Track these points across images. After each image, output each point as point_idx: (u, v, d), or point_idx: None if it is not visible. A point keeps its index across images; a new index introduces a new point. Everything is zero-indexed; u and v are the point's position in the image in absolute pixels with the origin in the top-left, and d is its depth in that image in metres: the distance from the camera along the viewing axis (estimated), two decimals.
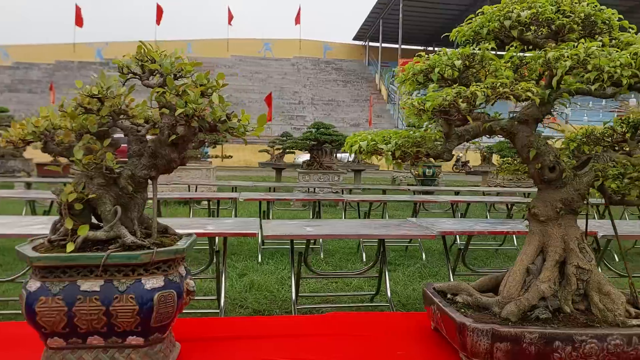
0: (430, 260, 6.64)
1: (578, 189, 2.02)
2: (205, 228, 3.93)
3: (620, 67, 1.74)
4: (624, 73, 1.73)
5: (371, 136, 1.96)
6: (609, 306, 1.90)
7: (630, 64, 1.73)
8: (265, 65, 51.21)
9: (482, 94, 1.84)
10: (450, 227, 4.17)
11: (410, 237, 3.94)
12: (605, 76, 1.75)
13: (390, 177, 20.81)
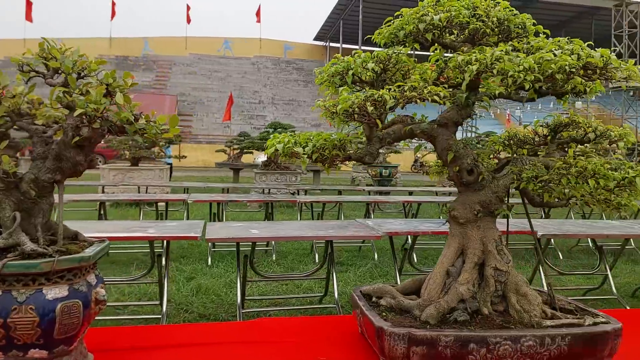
0: (382, 260, 6.66)
1: (496, 191, 2.02)
2: (146, 231, 3.78)
3: (524, 71, 1.74)
4: (527, 77, 1.74)
5: (289, 138, 1.91)
6: (525, 307, 1.90)
7: (533, 69, 1.74)
8: (224, 64, 50.62)
9: (389, 97, 1.82)
10: (397, 228, 4.16)
11: (356, 238, 3.91)
12: (509, 80, 1.75)
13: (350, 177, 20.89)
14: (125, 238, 3.83)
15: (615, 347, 1.82)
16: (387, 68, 2.08)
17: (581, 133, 2.16)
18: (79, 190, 10.54)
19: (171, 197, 6.36)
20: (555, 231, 4.35)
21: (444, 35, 2.16)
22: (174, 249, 6.93)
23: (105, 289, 1.78)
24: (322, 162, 1.93)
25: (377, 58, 2.08)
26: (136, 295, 4.93)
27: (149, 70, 48.34)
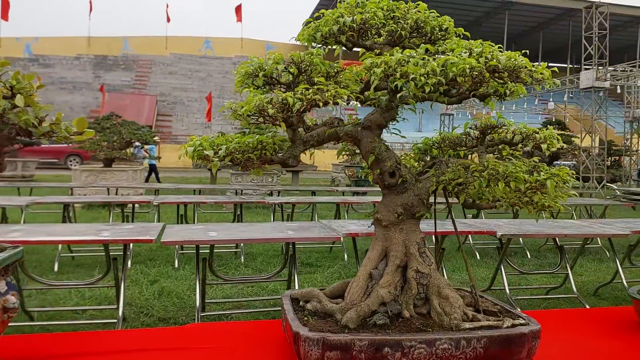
0: (352, 261, 6.65)
1: (418, 194, 2.01)
2: (100, 234, 3.71)
3: (426, 75, 1.73)
4: (429, 81, 1.72)
5: (201, 141, 1.87)
6: (446, 310, 1.89)
7: (435, 72, 1.73)
8: (205, 64, 50.26)
9: (293, 100, 1.79)
10: (357, 229, 4.14)
11: (315, 239, 3.89)
12: (411, 84, 1.74)
13: (330, 177, 20.90)
14: (76, 242, 3.75)
15: (534, 348, 1.82)
16: (303, 69, 2.05)
17: (510, 135, 2.17)
18: (49, 192, 10.36)
19: (135, 199, 6.26)
20: (514, 231, 4.37)
21: (362, 37, 2.14)
22: (141, 252, 6.84)
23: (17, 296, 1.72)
24: (238, 165, 1.90)
25: (291, 59, 2.06)
26: (97, 299, 4.85)
27: (128, 69, 47.79)
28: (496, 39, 45.06)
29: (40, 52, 45.92)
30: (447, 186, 1.94)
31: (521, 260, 7.11)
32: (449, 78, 1.74)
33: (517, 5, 40.03)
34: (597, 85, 13.95)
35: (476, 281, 5.83)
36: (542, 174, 1.79)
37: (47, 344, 2.40)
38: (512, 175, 1.77)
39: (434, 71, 1.73)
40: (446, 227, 4.54)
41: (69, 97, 41.06)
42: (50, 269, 5.94)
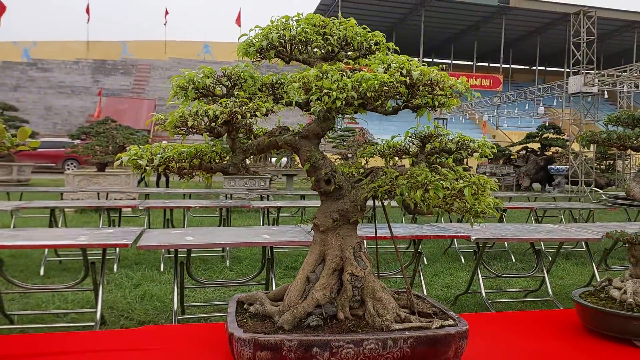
0: None
1: (354, 200, 2.08)
2: (77, 239, 3.77)
3: (337, 89, 1.81)
4: (340, 95, 1.80)
5: (136, 150, 1.94)
6: (380, 311, 1.95)
7: (347, 87, 1.80)
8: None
9: (212, 112, 1.87)
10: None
11: (292, 244, 3.95)
12: (325, 98, 1.82)
13: None
14: (52, 246, 3.82)
15: (461, 348, 1.88)
16: (237, 83, 2.13)
17: (449, 144, 2.24)
18: (40, 197, 10.43)
19: (121, 204, 6.32)
20: (489, 235, 4.43)
21: (296, 52, 2.22)
22: (128, 256, 6.90)
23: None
24: (177, 174, 1.97)
25: (222, 73, 2.14)
26: (79, 302, 4.91)
27: (127, 74, 47.94)
28: (494, 43, 45.03)
29: (39, 57, 46.06)
30: (377, 193, 2.01)
31: (505, 263, 7.16)
32: (361, 93, 1.82)
33: (514, 10, 40.18)
34: (585, 90, 14.06)
35: (457, 284, 5.89)
36: (461, 182, 1.86)
37: (23, 344, 2.47)
38: (432, 183, 1.85)
39: (346, 86, 1.81)
40: (423, 231, 4.61)
41: (68, 102, 41.17)
42: (36, 273, 6.00)
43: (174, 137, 2.00)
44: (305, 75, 1.85)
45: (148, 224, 8.27)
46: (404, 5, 40.86)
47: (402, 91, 1.87)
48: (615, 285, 2.46)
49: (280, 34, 2.14)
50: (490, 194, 1.88)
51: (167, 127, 1.92)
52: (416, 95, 1.92)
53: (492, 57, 51.07)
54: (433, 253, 7.82)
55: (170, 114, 1.93)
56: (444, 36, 48.39)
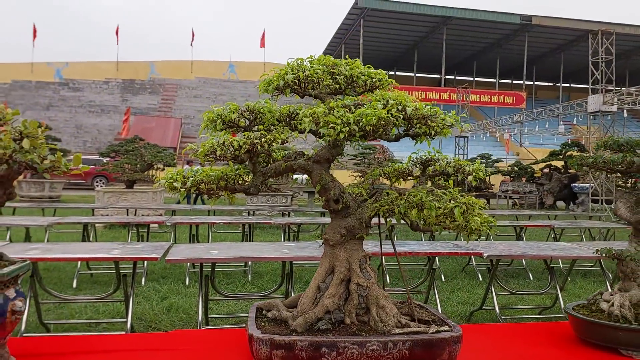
0: None
1: (359, 218, 2.30)
2: (110, 253, 4.06)
3: (341, 123, 2.06)
4: (343, 129, 2.05)
5: (172, 174, 2.21)
6: (383, 318, 2.16)
7: (349, 121, 2.05)
8: (229, 87, 51.44)
9: (237, 143, 2.13)
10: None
11: (310, 259, 4.17)
12: (331, 131, 2.06)
13: None
14: (88, 259, 4.11)
15: (455, 351, 2.08)
16: (255, 116, 2.40)
17: (447, 168, 2.45)
18: (72, 213, 10.88)
19: (150, 220, 6.64)
20: (502, 252, 4.57)
21: (309, 88, 2.48)
22: (155, 270, 7.21)
23: (24, 301, 2.05)
24: (206, 194, 2.22)
25: (245, 108, 2.40)
26: (109, 313, 5.19)
27: (155, 93, 49.22)
28: (517, 60, 44.64)
29: (71, 77, 47.70)
30: (379, 211, 2.23)
31: (522, 281, 7.23)
32: (362, 126, 2.06)
33: (536, 27, 40.14)
34: (604, 109, 14.06)
35: (473, 301, 6.00)
36: (452, 202, 2.06)
37: (42, 344, 2.74)
38: (427, 203, 2.06)
39: (349, 121, 2.06)
40: (437, 248, 4.77)
41: (97, 120, 42.45)
42: (69, 285, 6.32)
43: (204, 162, 2.26)
44: (315, 111, 2.11)
45: (174, 239, 8.59)
46: (426, 23, 41.20)
47: (398, 124, 2.10)
48: (604, 298, 2.61)
49: (295, 74, 2.41)
50: (481, 213, 2.08)
51: (199, 155, 2.19)
52: (413, 126, 2.15)
53: (515, 74, 50.91)
54: (451, 270, 7.93)
55: (202, 144, 2.20)
56: (466, 53, 48.50)
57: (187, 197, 18.19)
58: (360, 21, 39.48)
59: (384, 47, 47.22)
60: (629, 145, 2.54)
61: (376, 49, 46.98)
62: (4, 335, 1.99)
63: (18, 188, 18.60)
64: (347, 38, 44.40)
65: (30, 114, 39.44)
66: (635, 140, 2.52)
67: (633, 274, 2.54)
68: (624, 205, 2.62)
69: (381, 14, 38.74)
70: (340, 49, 46.97)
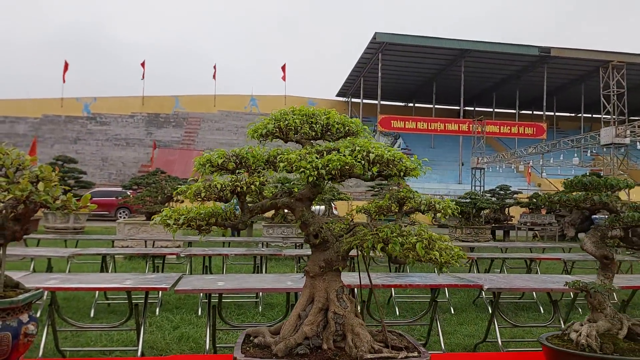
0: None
1: (337, 251, 2.48)
2: (123, 283, 4.30)
3: (311, 168, 2.28)
4: (312, 173, 2.27)
5: (167, 212, 2.44)
6: (357, 344, 2.31)
7: (317, 167, 2.27)
8: (250, 120, 51.90)
9: (220, 185, 2.37)
10: (352, 281, 4.56)
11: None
12: (301, 175, 2.28)
13: None
14: (101, 289, 4.34)
15: None
16: (242, 160, 2.64)
17: (421, 205, 2.64)
18: (93, 244, 11.24)
19: (165, 252, 6.90)
20: (503, 285, 4.67)
21: (290, 134, 2.72)
22: (170, 301, 7.42)
23: (36, 325, 2.28)
24: (196, 229, 2.45)
25: (232, 154, 2.65)
26: (123, 342, 5.40)
27: (179, 126, 50.43)
28: (537, 91, 44.46)
29: (98, 111, 49.28)
30: (352, 245, 2.42)
31: (533, 314, 7.23)
32: (329, 170, 2.28)
33: (555, 59, 40.27)
34: (617, 141, 14.06)
35: (480, 333, 6.04)
36: (414, 237, 2.24)
37: None
38: (392, 238, 2.24)
39: (317, 166, 2.28)
40: (437, 280, 4.88)
41: (123, 153, 43.59)
42: (87, 314, 6.57)
43: (193, 202, 2.50)
44: (289, 157, 2.35)
45: (190, 270, 8.82)
46: (444, 56, 41.69)
47: (365, 167, 2.33)
48: (574, 329, 2.71)
49: (276, 124, 2.67)
50: (443, 246, 2.25)
51: (188, 196, 2.44)
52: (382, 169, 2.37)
53: (536, 104, 50.83)
54: (462, 303, 7.96)
55: (191, 186, 2.45)
56: (486, 85, 48.74)
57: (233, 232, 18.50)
58: (379, 55, 40.16)
59: (403, 79, 47.83)
60: (591, 185, 2.69)
61: (394, 81, 47.60)
62: (17, 356, 2.22)
63: (44, 220, 19.21)
64: (365, 71, 45.13)
65: (58, 147, 40.79)
66: (597, 180, 2.66)
67: (600, 305, 2.65)
68: (590, 240, 2.75)
69: (399, 47, 39.41)
70: (359, 81, 47.71)
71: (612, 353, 2.51)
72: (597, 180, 2.71)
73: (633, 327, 2.66)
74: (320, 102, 56.20)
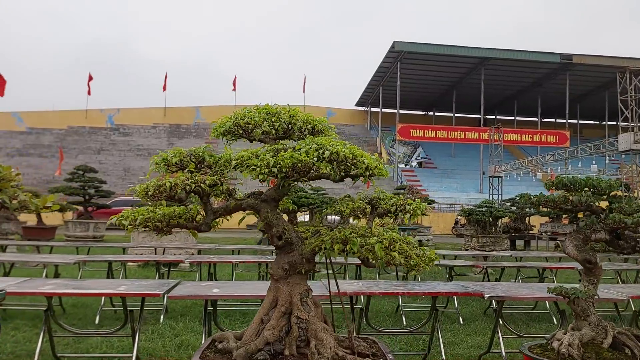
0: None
1: (302, 254, 2.40)
2: (117, 289, 4.29)
3: (262, 166, 2.22)
4: (263, 171, 2.21)
5: (127, 213, 2.40)
6: (320, 350, 2.23)
7: (268, 164, 2.21)
8: None
9: (169, 184, 2.32)
10: (349, 288, 4.48)
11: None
12: (252, 173, 2.22)
13: None
14: (94, 294, 4.35)
15: None
16: (201, 160, 2.60)
17: (391, 207, 2.55)
18: (105, 252, 11.36)
19: (171, 259, 6.91)
20: (503, 293, 4.53)
21: (254, 133, 2.67)
22: (176, 308, 7.41)
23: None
24: (154, 230, 2.41)
25: (191, 153, 2.61)
26: (123, 348, 5.39)
27: (199, 137, 51.01)
28: (559, 99, 43.70)
29: (121, 122, 50.17)
30: (311, 248, 2.35)
31: (546, 325, 7.02)
32: (281, 168, 2.22)
33: (577, 66, 39.59)
34: (635, 147, 13.64)
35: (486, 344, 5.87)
36: (374, 238, 2.16)
37: None
38: (350, 240, 2.16)
39: (269, 164, 2.22)
40: (437, 289, 4.76)
41: (144, 163, 44.20)
42: (92, 321, 6.60)
43: (150, 202, 2.46)
44: (241, 155, 2.30)
45: (200, 278, 8.83)
46: (463, 65, 41.37)
47: (322, 165, 2.27)
48: (557, 337, 2.58)
49: (233, 122, 2.63)
50: (404, 247, 2.16)
51: (138, 195, 2.41)
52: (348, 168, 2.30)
53: (559, 112, 49.97)
54: (472, 313, 7.78)
55: (140, 186, 2.42)
56: (507, 93, 48.15)
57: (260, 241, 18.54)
58: (397, 64, 40.06)
59: (422, 88, 47.61)
60: (572, 186, 2.57)
61: (414, 90, 47.39)
62: None
63: (65, 228, 19.54)
64: (384, 80, 45.04)
65: (82, 158, 41.59)
66: (579, 180, 2.53)
67: (584, 312, 2.51)
68: (572, 243, 2.62)
69: (417, 56, 39.24)
70: (378, 90, 47.62)
71: None
72: (579, 180, 2.59)
73: (619, 336, 2.51)
74: (339, 111, 56.22)
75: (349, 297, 4.84)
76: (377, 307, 7.70)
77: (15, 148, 43.59)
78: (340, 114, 55.90)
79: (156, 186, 2.36)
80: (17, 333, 5.69)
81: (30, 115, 48.24)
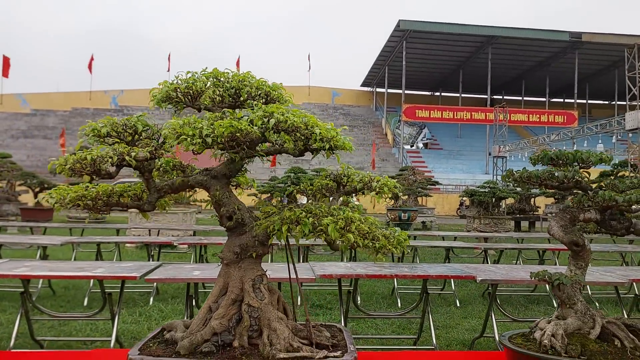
0: (366, 303, 6.70)
1: (255, 235, 2.20)
2: (94, 271, 4.14)
3: (193, 135, 2.00)
4: (207, 140, 2.01)
5: (52, 190, 2.20)
6: (273, 341, 2.04)
7: (201, 133, 1.99)
8: None
9: (90, 157, 2.11)
10: (336, 270, 4.32)
11: (284, 280, 4.10)
12: (185, 141, 2.01)
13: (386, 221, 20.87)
14: (69, 277, 4.20)
15: None
16: (138, 131, 2.38)
17: (356, 184, 2.33)
18: (99, 233, 11.27)
19: (160, 240, 6.76)
20: (498, 276, 4.35)
21: (199, 102, 2.44)
22: (168, 290, 7.29)
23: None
24: (90, 210, 2.21)
25: (125, 123, 2.40)
26: (107, 331, 5.27)
27: (203, 118, 50.81)
28: (568, 78, 43.03)
29: (125, 103, 50.02)
30: (263, 228, 2.15)
31: (545, 308, 6.85)
32: (214, 138, 2.01)
33: (587, 44, 38.80)
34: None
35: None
36: (328, 219, 1.96)
37: None
38: (302, 220, 1.96)
39: (202, 133, 2.00)
40: (428, 271, 4.58)
41: None
42: (80, 303, 6.49)
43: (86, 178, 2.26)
44: (172, 123, 2.09)
45: (196, 259, 8.69)
46: (470, 43, 40.67)
47: (269, 136, 2.06)
48: (539, 326, 2.38)
49: (174, 87, 2.40)
50: (362, 227, 1.97)
51: (58, 170, 2.21)
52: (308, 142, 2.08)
53: (567, 92, 49.21)
54: (470, 296, 7.61)
55: (60, 158, 2.22)
56: (514, 72, 47.40)
57: None
58: (403, 43, 39.43)
59: (428, 68, 46.95)
60: (559, 160, 2.33)
61: (420, 70, 46.76)
62: None
63: (66, 209, 19.48)
64: (390, 60, 44.43)
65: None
66: (567, 153, 2.30)
67: (569, 300, 2.31)
68: (557, 224, 2.40)
69: (423, 35, 38.57)
70: (383, 71, 47.03)
71: (578, 356, 2.17)
72: (566, 154, 2.35)
73: (608, 326, 2.31)
74: (345, 92, 55.70)
75: (338, 279, 4.67)
76: (372, 290, 7.56)
77: (20, 130, 43.60)
78: (346, 95, 55.40)
79: (76, 159, 2.16)
80: (1, 315, 5.60)
81: (34, 97, 48.19)
